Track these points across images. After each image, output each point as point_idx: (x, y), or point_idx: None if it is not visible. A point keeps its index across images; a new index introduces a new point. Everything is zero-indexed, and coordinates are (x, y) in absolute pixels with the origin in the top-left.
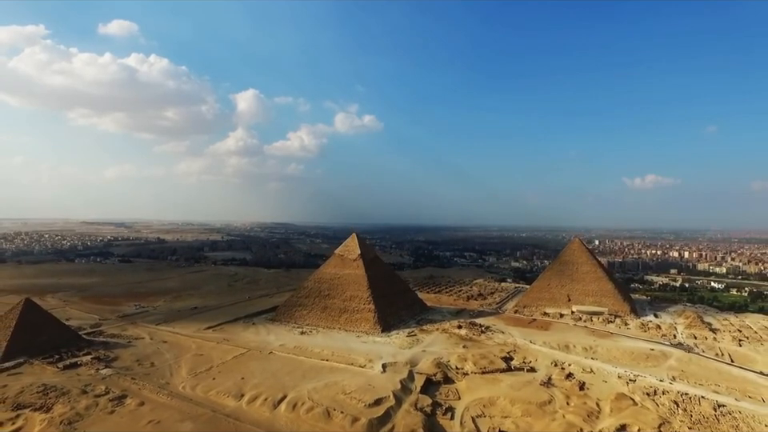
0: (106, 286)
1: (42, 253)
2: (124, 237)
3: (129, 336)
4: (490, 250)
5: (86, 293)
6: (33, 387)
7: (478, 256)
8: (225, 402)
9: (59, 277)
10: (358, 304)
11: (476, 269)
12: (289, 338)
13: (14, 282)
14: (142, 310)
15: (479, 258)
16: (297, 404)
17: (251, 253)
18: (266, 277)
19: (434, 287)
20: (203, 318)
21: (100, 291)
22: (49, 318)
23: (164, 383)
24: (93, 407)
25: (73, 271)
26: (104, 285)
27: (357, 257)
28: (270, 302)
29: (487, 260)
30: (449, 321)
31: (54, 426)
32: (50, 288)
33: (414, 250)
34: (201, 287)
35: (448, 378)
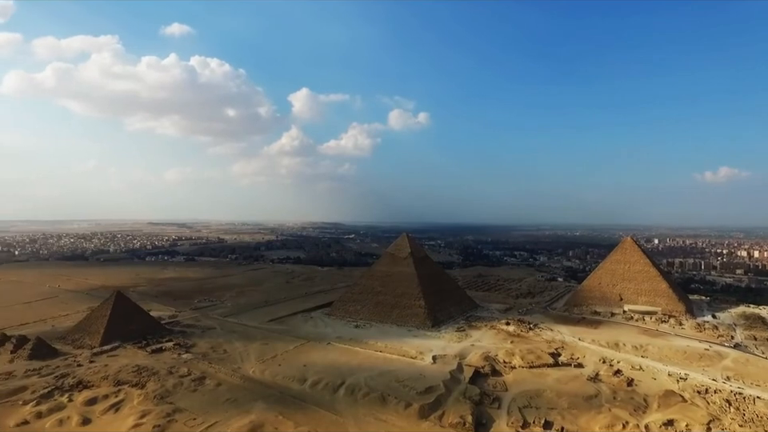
0: (178, 281)
1: (116, 252)
2: (187, 237)
3: (202, 326)
4: (542, 249)
5: (161, 288)
6: (128, 367)
7: (528, 255)
8: (290, 385)
9: (136, 273)
10: (408, 300)
11: (526, 268)
12: (344, 331)
13: (100, 277)
14: (211, 303)
15: (530, 257)
16: (354, 389)
17: (305, 252)
18: (320, 274)
19: (483, 285)
20: (266, 312)
21: (173, 286)
22: (136, 308)
23: (236, 368)
24: (179, 386)
25: (147, 268)
26: (175, 281)
27: (407, 255)
28: (325, 298)
29: (538, 259)
30: (497, 318)
31: (149, 399)
32: (130, 283)
33: (464, 248)
34: (261, 284)
35: (496, 371)
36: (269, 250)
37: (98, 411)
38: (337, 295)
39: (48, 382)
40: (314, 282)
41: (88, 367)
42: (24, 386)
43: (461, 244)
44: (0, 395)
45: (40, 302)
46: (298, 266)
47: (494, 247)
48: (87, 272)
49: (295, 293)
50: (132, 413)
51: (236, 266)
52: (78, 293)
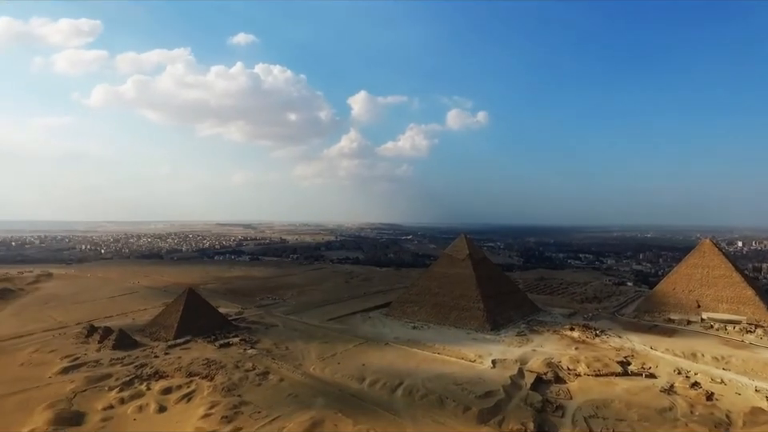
0: (243, 280)
1: (188, 251)
2: (251, 237)
3: (266, 323)
4: (609, 252)
5: (228, 286)
6: (199, 360)
7: (594, 258)
8: (349, 383)
9: (206, 271)
10: (467, 302)
11: (592, 271)
12: (402, 332)
13: (173, 275)
14: (274, 301)
15: (596, 259)
16: (412, 390)
17: (363, 252)
18: (378, 275)
19: (545, 289)
20: (326, 311)
21: (239, 285)
22: (206, 305)
23: (298, 364)
24: (244, 379)
25: (215, 267)
26: (241, 279)
27: (465, 257)
28: (383, 298)
29: (605, 262)
30: (560, 323)
31: (218, 391)
32: (200, 281)
33: (524, 251)
34: (321, 283)
35: (559, 378)
36: (328, 251)
37: (172, 400)
38: (394, 296)
39: (129, 371)
40: (372, 282)
41: (163, 359)
42: (109, 374)
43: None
44: (90, 380)
45: (122, 296)
46: (356, 266)
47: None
48: (162, 270)
49: (354, 293)
50: (202, 403)
51: (297, 266)
52: (154, 289)
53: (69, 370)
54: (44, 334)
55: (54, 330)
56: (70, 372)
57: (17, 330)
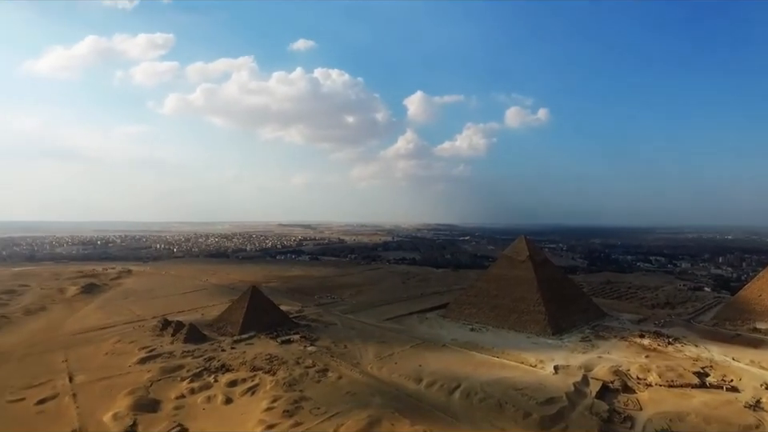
0: (303, 279)
1: (251, 250)
2: (311, 237)
3: (325, 321)
4: (683, 254)
5: (289, 284)
6: (262, 355)
7: (666, 260)
8: (406, 383)
9: (268, 270)
10: (527, 305)
11: (664, 275)
12: (460, 334)
13: (238, 273)
14: (333, 300)
15: (668, 262)
16: (470, 393)
17: (419, 253)
18: (435, 276)
19: (612, 293)
20: (383, 311)
21: (299, 283)
22: (269, 302)
23: (355, 363)
24: (305, 376)
25: (277, 266)
26: (301, 278)
27: (526, 258)
28: (440, 300)
29: (678, 265)
30: (629, 329)
31: (280, 386)
32: (263, 279)
33: (589, 253)
34: (378, 283)
35: (627, 387)
36: (385, 251)
37: (237, 392)
38: (452, 297)
39: (199, 364)
40: (429, 283)
41: (229, 353)
42: (181, 365)
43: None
44: (164, 371)
45: (192, 293)
46: (413, 266)
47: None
48: (228, 268)
49: (410, 293)
50: (265, 397)
51: (355, 266)
52: (221, 286)
53: (146, 360)
54: (124, 326)
55: (133, 322)
56: (147, 362)
57: (102, 322)
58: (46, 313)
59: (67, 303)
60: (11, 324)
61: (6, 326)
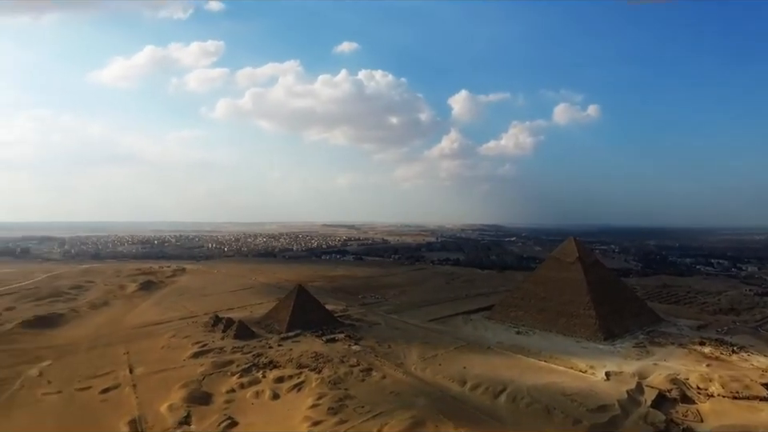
0: (348, 279)
1: (298, 250)
2: (355, 237)
3: (369, 321)
4: (750, 257)
5: (333, 284)
6: (308, 353)
7: (730, 264)
8: (450, 385)
9: (314, 270)
10: (576, 309)
11: (727, 279)
12: (505, 336)
13: (285, 272)
14: (377, 300)
15: (732, 266)
16: (516, 397)
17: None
18: (480, 277)
19: (669, 297)
20: (426, 311)
21: (343, 283)
22: (314, 301)
23: (399, 363)
24: (349, 374)
25: (322, 266)
26: (346, 278)
27: (575, 260)
28: (485, 301)
29: (744, 269)
30: (687, 336)
31: (325, 384)
32: (309, 279)
33: (643, 255)
34: (422, 284)
35: (686, 398)
36: (429, 251)
37: (284, 389)
38: (497, 299)
39: (248, 359)
40: (474, 284)
41: (276, 350)
42: (231, 360)
43: (639, 249)
44: (216, 365)
45: (241, 291)
46: (457, 267)
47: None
48: (275, 267)
49: (455, 294)
50: (311, 394)
51: (399, 266)
52: (268, 285)
53: (198, 354)
54: (179, 322)
55: (187, 318)
56: (200, 357)
57: (158, 318)
58: (108, 308)
59: (127, 299)
60: (79, 317)
61: (75, 319)
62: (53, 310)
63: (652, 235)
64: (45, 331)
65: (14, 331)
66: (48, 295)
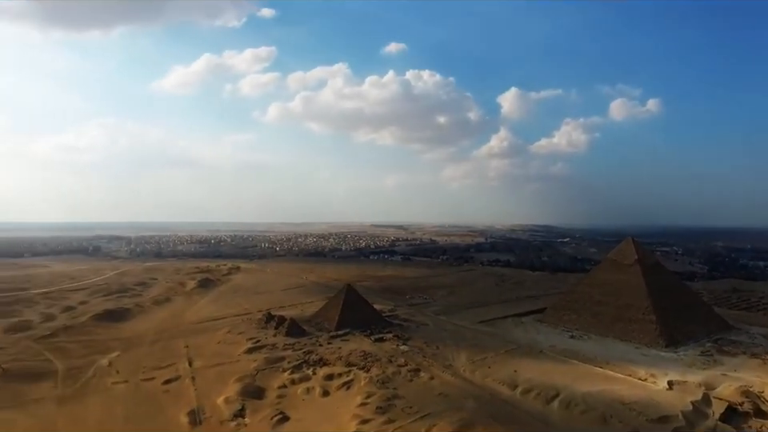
0: (396, 279)
1: (346, 250)
2: (403, 238)
3: (417, 321)
4: None
5: (382, 284)
6: (357, 351)
7: None
8: (500, 389)
9: (362, 270)
10: (635, 313)
11: None
12: (558, 340)
13: (334, 272)
14: (425, 301)
15: None
16: (570, 403)
17: (514, 255)
18: (531, 279)
19: (740, 303)
20: (475, 313)
21: (392, 283)
22: (363, 300)
23: (448, 365)
24: (397, 374)
25: (370, 266)
26: (393, 278)
27: (633, 262)
28: (536, 304)
29: None
30: (761, 344)
31: (373, 383)
32: (357, 278)
33: (710, 257)
34: (471, 285)
35: (761, 412)
36: (478, 252)
37: (334, 386)
38: (549, 301)
39: (299, 356)
40: (525, 286)
41: (326, 348)
42: (283, 357)
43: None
44: (268, 361)
45: (293, 289)
46: (507, 269)
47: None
48: (325, 267)
49: (504, 296)
50: (359, 392)
51: (447, 267)
52: (318, 284)
53: (252, 350)
54: (234, 318)
55: (241, 315)
56: (253, 352)
57: (215, 314)
58: (170, 303)
59: (187, 296)
60: (144, 312)
61: (140, 314)
62: (120, 305)
63: (719, 236)
64: (114, 324)
65: (87, 324)
66: (116, 291)
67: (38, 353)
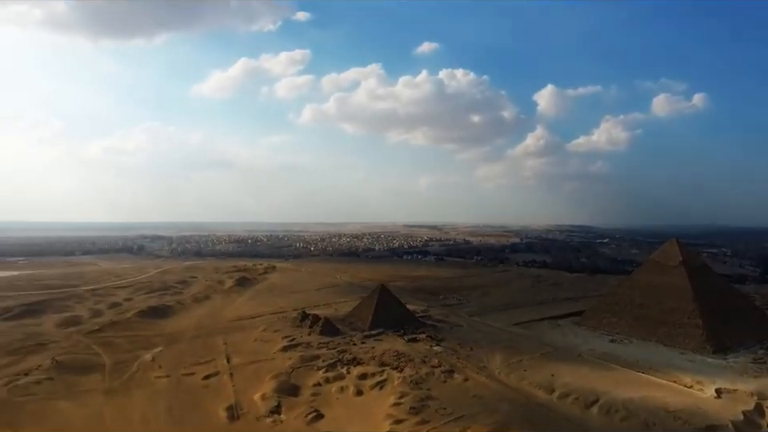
0: (429, 279)
1: (380, 250)
2: (437, 238)
3: (450, 322)
4: None
5: (415, 284)
6: (390, 351)
7: None
8: (536, 392)
9: (395, 270)
10: (679, 317)
11: None
12: (597, 344)
13: (367, 272)
14: (459, 302)
15: None
16: (610, 409)
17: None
18: (568, 280)
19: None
20: (510, 315)
21: (425, 283)
22: (396, 300)
23: (482, 366)
24: (430, 375)
25: (404, 266)
26: (427, 278)
27: (678, 264)
28: (574, 306)
29: None
30: None
31: (406, 383)
32: (390, 278)
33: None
34: (506, 286)
35: None
36: (513, 253)
37: (367, 386)
38: (587, 304)
39: (333, 355)
40: (562, 287)
41: (360, 347)
42: (317, 355)
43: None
44: (303, 359)
45: (327, 289)
46: (543, 270)
47: None
48: (358, 266)
49: (541, 298)
50: (393, 392)
51: (481, 267)
52: (352, 284)
53: (287, 348)
54: (270, 317)
55: (277, 313)
56: (288, 350)
57: (252, 312)
58: (209, 301)
59: (225, 294)
60: (184, 309)
61: (181, 311)
62: (163, 302)
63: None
64: (156, 321)
65: (132, 319)
66: (159, 288)
67: (87, 347)
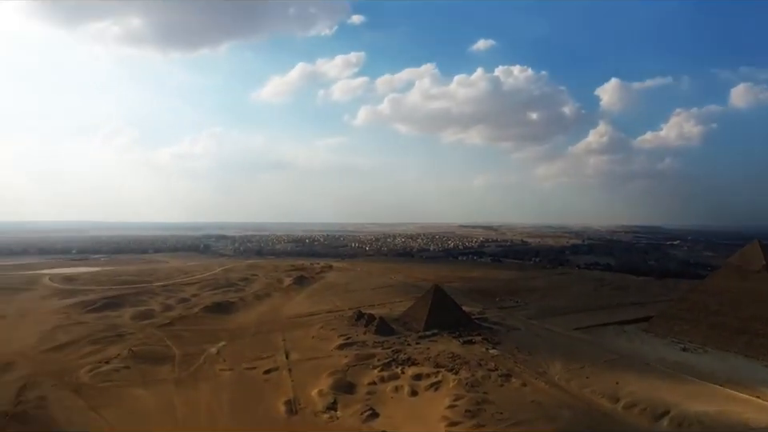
0: (484, 281)
1: (434, 251)
2: (493, 239)
3: (507, 325)
4: None
5: (470, 285)
6: (445, 353)
7: None
8: (599, 401)
9: (450, 270)
10: (762, 326)
11: None
12: (667, 352)
13: (422, 272)
14: (516, 304)
15: None
16: (682, 423)
17: (614, 258)
18: (634, 284)
19: None
20: (571, 319)
21: (480, 285)
22: (451, 301)
23: (541, 372)
24: (487, 378)
25: (459, 267)
26: (482, 280)
27: (761, 268)
28: (640, 312)
29: None
30: None
31: (462, 385)
32: (445, 279)
33: None
34: (566, 289)
35: None
36: (574, 255)
37: (422, 386)
38: (655, 309)
39: (388, 355)
40: (627, 292)
41: (414, 347)
42: (373, 354)
43: None
44: (359, 358)
45: (382, 288)
46: (607, 273)
47: None
48: (413, 267)
49: (604, 302)
50: (448, 394)
51: (539, 269)
52: (406, 284)
53: (344, 346)
54: (327, 315)
55: (334, 312)
56: (345, 348)
57: (309, 310)
58: (269, 298)
59: (284, 292)
60: (246, 306)
61: (243, 307)
62: (226, 298)
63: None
64: (221, 316)
65: (198, 315)
66: (223, 285)
67: (159, 339)
